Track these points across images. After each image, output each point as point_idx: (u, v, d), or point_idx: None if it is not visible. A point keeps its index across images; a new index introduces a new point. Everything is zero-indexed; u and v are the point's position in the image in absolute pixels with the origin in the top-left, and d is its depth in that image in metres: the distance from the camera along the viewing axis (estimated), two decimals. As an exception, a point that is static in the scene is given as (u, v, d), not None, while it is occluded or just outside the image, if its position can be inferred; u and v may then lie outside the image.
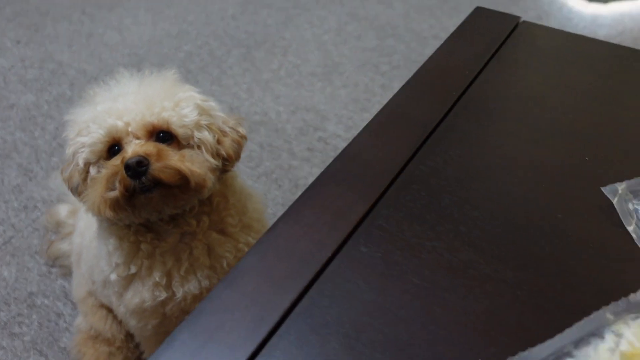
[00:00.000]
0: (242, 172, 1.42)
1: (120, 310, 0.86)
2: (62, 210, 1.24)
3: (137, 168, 0.72)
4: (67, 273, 1.20)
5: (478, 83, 0.66)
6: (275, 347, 0.42)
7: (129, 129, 0.76)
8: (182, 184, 0.77)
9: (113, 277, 0.81)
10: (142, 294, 0.80)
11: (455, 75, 0.67)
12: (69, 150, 0.77)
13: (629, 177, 0.53)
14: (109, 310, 1.00)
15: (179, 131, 0.79)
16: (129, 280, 0.81)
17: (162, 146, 0.77)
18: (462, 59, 0.69)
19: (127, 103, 0.78)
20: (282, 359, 0.42)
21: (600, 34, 1.83)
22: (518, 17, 0.76)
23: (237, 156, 0.90)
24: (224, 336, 0.43)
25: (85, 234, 0.96)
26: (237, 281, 0.47)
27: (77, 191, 0.78)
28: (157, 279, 0.79)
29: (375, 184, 0.54)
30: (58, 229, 1.24)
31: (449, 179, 0.55)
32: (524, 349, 0.41)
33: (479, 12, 0.77)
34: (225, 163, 0.87)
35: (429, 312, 0.44)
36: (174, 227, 0.81)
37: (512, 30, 0.74)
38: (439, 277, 0.46)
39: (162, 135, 0.78)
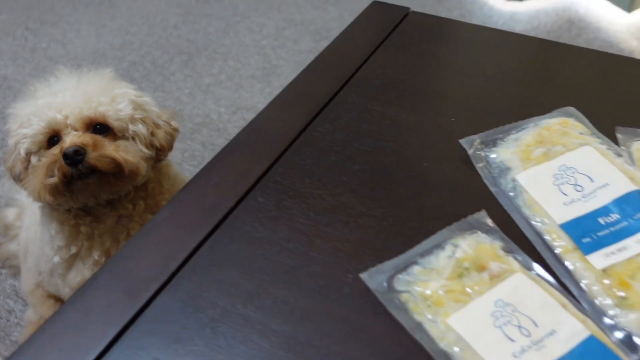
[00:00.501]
0: (185, 170, 1.49)
1: (65, 292, 0.93)
2: (10, 213, 1.29)
3: (74, 157, 0.80)
4: (16, 273, 1.25)
5: (368, 64, 0.76)
6: (182, 277, 0.51)
7: (68, 122, 0.84)
8: (117, 171, 0.85)
9: (56, 259, 0.88)
10: (83, 273, 0.87)
11: (349, 58, 0.77)
12: (12, 141, 0.84)
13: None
14: (57, 299, 1.06)
15: (115, 124, 0.87)
16: (71, 262, 0.88)
17: (99, 137, 0.85)
18: (356, 44, 0.80)
19: (66, 98, 0.85)
20: (188, 286, 0.50)
21: (518, 29, 1.98)
22: (407, 8, 0.86)
23: (170, 147, 0.98)
24: (140, 272, 0.51)
25: (30, 229, 1.02)
26: (151, 230, 0.55)
27: (19, 178, 0.85)
28: (96, 257, 0.86)
29: (274, 148, 0.63)
30: (6, 231, 1.29)
31: (337, 141, 0.64)
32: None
33: (374, 5, 0.88)
34: (159, 153, 0.95)
35: (311, 244, 0.53)
36: (111, 211, 0.89)
37: (402, 20, 0.84)
38: (321, 216, 0.56)
39: (99, 127, 0.86)
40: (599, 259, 0.48)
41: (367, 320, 0.47)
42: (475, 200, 0.56)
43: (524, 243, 0.52)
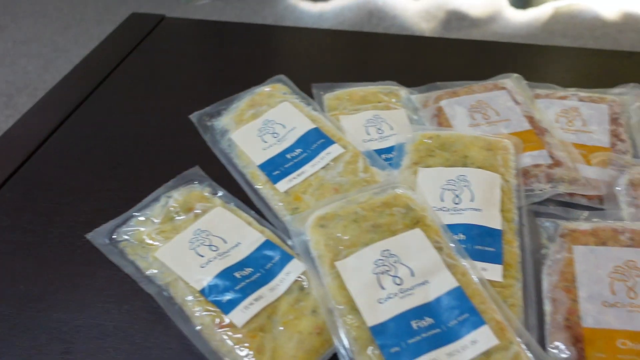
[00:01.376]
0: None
1: None
2: None
3: None
4: None
5: (120, 67, 0.84)
6: None
7: None
8: None
9: None
10: None
11: (103, 64, 0.85)
12: None
13: (212, 107, 0.74)
14: None
15: None
16: None
17: None
18: (111, 52, 0.88)
19: None
20: None
21: (325, 27, 2.17)
22: (162, 15, 0.96)
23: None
24: None
25: None
26: None
27: None
28: None
29: (25, 149, 0.70)
30: None
31: (86, 135, 0.72)
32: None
33: (132, 16, 0.97)
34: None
35: (50, 222, 0.60)
36: None
37: (156, 25, 0.94)
38: (62, 198, 0.63)
39: None
40: (284, 184, 0.60)
41: (94, 271, 0.55)
42: (200, 162, 0.66)
43: (233, 186, 0.62)
